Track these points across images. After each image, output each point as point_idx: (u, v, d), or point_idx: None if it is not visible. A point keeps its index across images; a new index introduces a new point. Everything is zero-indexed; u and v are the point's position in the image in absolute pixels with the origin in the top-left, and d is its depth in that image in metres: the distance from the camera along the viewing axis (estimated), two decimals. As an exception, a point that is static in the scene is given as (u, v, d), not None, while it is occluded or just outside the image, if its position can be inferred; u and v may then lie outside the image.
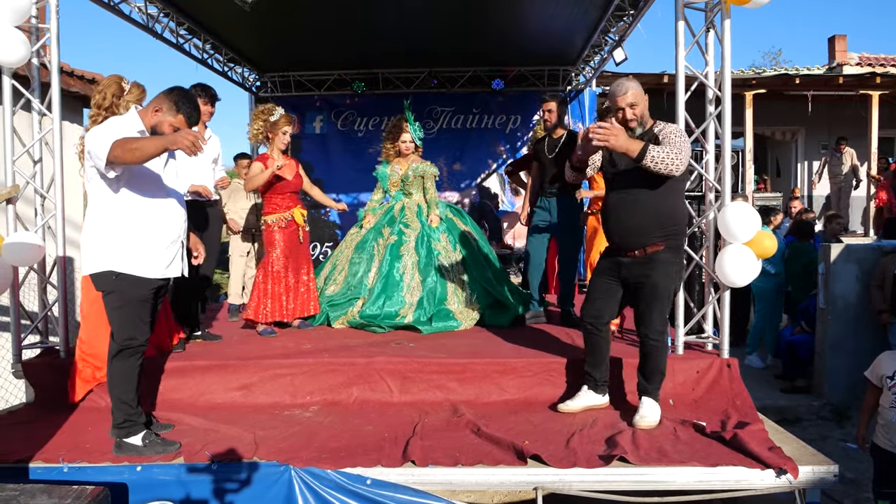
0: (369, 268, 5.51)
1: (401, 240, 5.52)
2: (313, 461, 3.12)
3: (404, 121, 5.61)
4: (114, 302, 3.25)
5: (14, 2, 3.98)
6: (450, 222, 5.71)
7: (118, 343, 3.25)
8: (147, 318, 3.32)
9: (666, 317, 3.61)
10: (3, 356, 4.96)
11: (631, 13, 6.88)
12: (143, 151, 2.99)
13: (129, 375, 3.27)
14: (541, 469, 3.08)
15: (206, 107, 4.60)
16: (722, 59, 4.25)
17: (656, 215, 3.50)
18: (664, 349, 3.63)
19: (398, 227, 5.58)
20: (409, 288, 5.31)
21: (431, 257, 5.44)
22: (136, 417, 3.29)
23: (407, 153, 5.62)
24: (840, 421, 5.60)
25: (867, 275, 5.76)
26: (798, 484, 3.06)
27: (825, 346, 5.91)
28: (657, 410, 3.61)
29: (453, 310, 5.23)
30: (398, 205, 5.72)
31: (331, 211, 10.02)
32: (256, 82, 9.81)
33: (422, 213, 5.65)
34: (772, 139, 13.63)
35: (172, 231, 3.35)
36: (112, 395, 3.30)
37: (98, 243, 3.22)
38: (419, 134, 5.70)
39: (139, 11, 6.50)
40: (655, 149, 3.36)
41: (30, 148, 4.46)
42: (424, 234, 5.53)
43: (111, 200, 3.20)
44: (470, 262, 5.52)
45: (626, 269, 3.61)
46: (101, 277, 3.24)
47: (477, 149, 9.82)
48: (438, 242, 5.54)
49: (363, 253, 5.59)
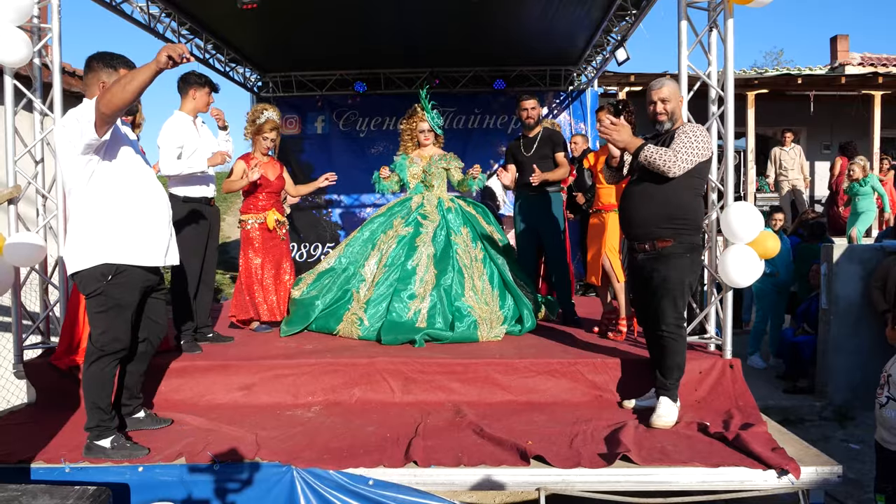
0: (366, 257, 5.13)
1: (417, 231, 5.14)
2: (315, 461, 3.12)
3: (420, 108, 5.37)
4: (99, 305, 3.13)
5: (16, 2, 3.98)
6: (473, 218, 5.38)
7: (98, 347, 3.15)
8: (130, 321, 3.21)
9: (680, 311, 3.60)
10: (5, 356, 4.96)
11: (633, 13, 6.88)
12: (135, 81, 2.80)
13: (105, 381, 3.20)
14: (543, 469, 3.07)
15: (207, 97, 4.58)
16: (725, 58, 4.24)
17: (663, 207, 3.53)
18: (680, 344, 3.61)
19: (415, 218, 5.22)
20: (422, 281, 4.90)
21: (449, 250, 5.07)
22: (108, 422, 3.22)
23: (426, 143, 5.39)
24: (842, 421, 5.58)
25: (870, 275, 5.74)
26: (801, 484, 3.05)
27: (827, 347, 5.89)
28: (674, 411, 3.59)
29: (472, 305, 4.84)
30: (417, 198, 5.35)
31: (332, 211, 10.03)
32: (258, 82, 9.81)
33: (442, 205, 5.31)
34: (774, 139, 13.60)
35: (162, 215, 3.28)
36: (87, 400, 3.22)
37: (87, 237, 3.09)
38: (438, 122, 5.43)
39: (141, 11, 6.51)
40: (651, 148, 3.45)
41: (31, 148, 4.46)
42: (444, 227, 5.19)
43: (94, 190, 3.08)
44: (490, 261, 5.19)
45: (640, 265, 3.66)
46: (88, 276, 3.10)
47: (479, 149, 9.80)
48: (458, 235, 5.19)
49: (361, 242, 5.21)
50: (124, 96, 2.83)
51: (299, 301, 5.07)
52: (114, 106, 2.85)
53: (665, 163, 3.41)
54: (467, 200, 5.60)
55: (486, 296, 4.98)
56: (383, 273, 4.95)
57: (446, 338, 4.63)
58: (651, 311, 3.64)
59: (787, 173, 10.63)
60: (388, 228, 5.25)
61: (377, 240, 5.21)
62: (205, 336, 4.75)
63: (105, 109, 2.86)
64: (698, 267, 3.70)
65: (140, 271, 3.20)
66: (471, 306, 4.84)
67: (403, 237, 5.10)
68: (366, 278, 5.04)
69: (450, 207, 5.32)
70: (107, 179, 3.11)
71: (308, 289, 5.11)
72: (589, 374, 4.05)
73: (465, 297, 4.88)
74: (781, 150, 10.67)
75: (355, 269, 5.09)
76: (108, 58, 3.17)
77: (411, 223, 5.20)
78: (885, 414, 3.52)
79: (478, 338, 4.69)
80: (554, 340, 4.70)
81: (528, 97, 5.37)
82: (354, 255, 5.17)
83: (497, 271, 5.16)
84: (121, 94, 2.83)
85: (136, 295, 3.21)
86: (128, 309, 3.19)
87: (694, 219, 3.59)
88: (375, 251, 5.15)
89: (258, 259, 5.14)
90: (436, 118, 5.40)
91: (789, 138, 10.65)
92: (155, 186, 3.31)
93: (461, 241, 5.17)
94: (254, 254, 5.14)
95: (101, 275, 3.10)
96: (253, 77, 9.62)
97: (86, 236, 3.11)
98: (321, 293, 5.04)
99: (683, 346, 3.64)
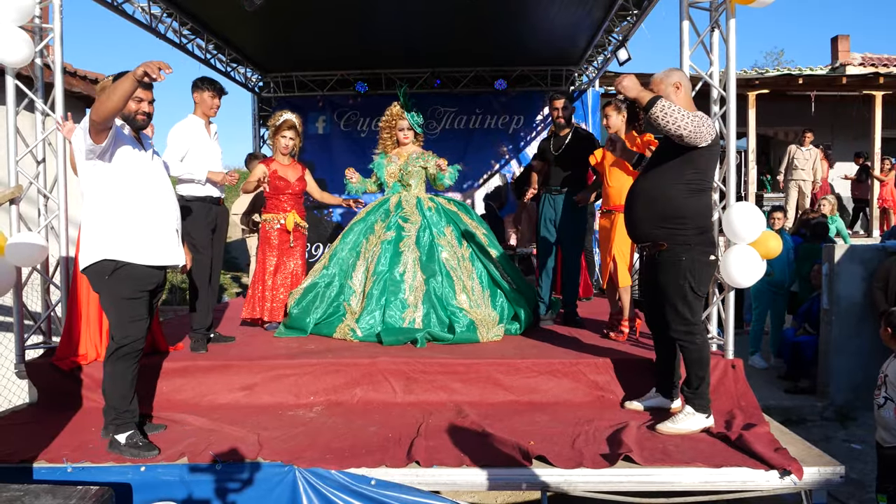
0: (353, 267, 5.01)
1: (399, 235, 5.01)
2: (317, 461, 3.11)
3: (399, 107, 5.32)
4: (105, 300, 3.29)
5: (18, 2, 3.99)
6: (455, 216, 5.28)
7: (115, 342, 3.25)
8: (142, 315, 3.30)
9: (686, 317, 3.39)
10: (7, 356, 4.96)
11: (635, 13, 6.87)
12: (116, 91, 2.97)
13: (124, 376, 3.27)
14: (546, 469, 3.07)
15: (213, 100, 4.60)
16: (727, 58, 4.23)
17: (657, 206, 3.39)
18: (692, 351, 3.41)
19: (395, 221, 5.09)
20: (411, 288, 4.83)
21: (434, 252, 4.96)
22: (128, 416, 3.28)
23: (405, 142, 5.34)
24: (844, 421, 5.59)
25: (872, 276, 5.74)
26: (803, 485, 3.05)
27: (829, 347, 5.89)
28: (694, 421, 3.44)
29: (465, 308, 4.79)
30: (394, 198, 5.25)
31: (333, 211, 10.03)
32: (259, 83, 9.82)
33: (422, 205, 5.20)
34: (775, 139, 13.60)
35: (168, 215, 3.39)
36: (105, 395, 3.31)
37: (93, 235, 3.24)
38: (418, 120, 5.36)
39: (142, 11, 6.51)
40: (667, 102, 3.21)
41: (33, 148, 4.47)
42: (426, 227, 5.08)
43: (101, 192, 3.24)
44: (478, 259, 5.11)
45: (644, 268, 3.63)
46: (93, 272, 3.24)
47: (480, 149, 9.80)
48: (443, 237, 5.07)
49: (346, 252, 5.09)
50: (108, 105, 3.00)
51: (293, 315, 4.99)
52: (102, 113, 3.03)
53: (682, 119, 3.16)
54: (447, 198, 5.54)
55: (477, 296, 4.93)
56: (372, 283, 4.86)
57: (447, 339, 4.63)
58: (658, 315, 3.55)
59: (798, 172, 10.63)
60: (370, 233, 5.14)
61: (360, 247, 5.11)
62: (207, 337, 4.74)
63: (95, 117, 3.05)
64: (704, 266, 3.42)
65: (141, 268, 3.27)
66: (464, 309, 4.80)
67: (387, 242, 5.01)
68: (355, 290, 4.97)
69: (430, 207, 5.24)
70: (111, 181, 3.25)
71: (296, 303, 4.99)
72: (591, 374, 4.05)
73: (457, 301, 4.83)
74: (798, 149, 10.68)
75: (343, 281, 5.01)
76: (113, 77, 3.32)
77: (392, 227, 5.09)
78: (882, 414, 3.52)
79: (478, 338, 4.68)
80: (556, 341, 4.70)
81: (559, 96, 5.25)
82: (340, 267, 5.06)
83: (485, 269, 5.09)
84: (106, 103, 2.99)
85: (137, 291, 3.27)
86: (130, 304, 3.25)
87: (692, 217, 3.37)
88: (361, 260, 5.05)
89: (273, 259, 5.21)
90: (415, 116, 5.34)
91: (808, 138, 10.67)
92: (162, 187, 3.41)
93: (446, 242, 5.07)
94: (270, 253, 5.21)
95: (102, 270, 3.22)
96: (254, 77, 9.62)
97: (92, 234, 3.25)
98: (310, 310, 4.95)
99: (698, 352, 3.42)
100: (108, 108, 3.00)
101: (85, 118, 3.15)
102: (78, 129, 3.16)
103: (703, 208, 3.46)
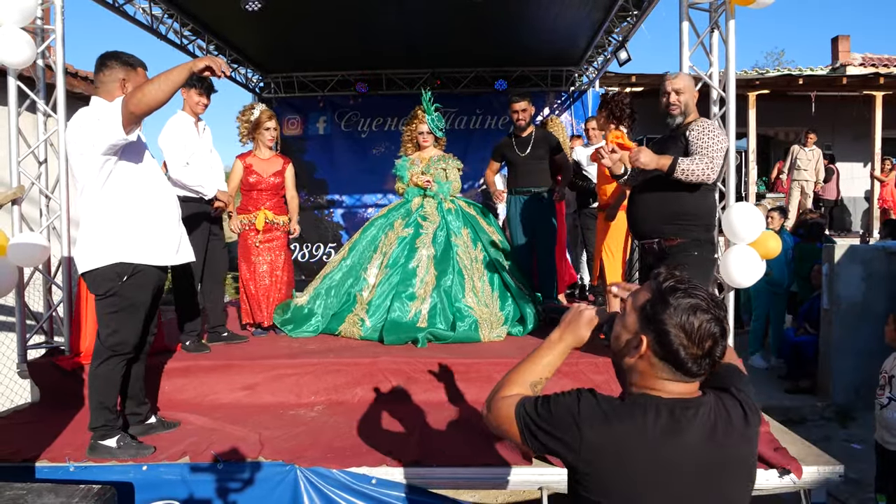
0: (370, 260, 5.10)
1: (417, 232, 5.11)
2: (318, 461, 3.13)
3: (421, 111, 5.37)
4: (112, 305, 3.09)
5: (20, 3, 4.00)
6: (473, 220, 5.34)
7: (107, 347, 3.13)
8: (142, 322, 3.20)
9: None
10: (9, 356, 4.98)
11: (635, 14, 6.89)
12: (169, 81, 2.78)
13: (113, 380, 3.18)
14: (546, 469, 3.07)
15: (200, 98, 4.45)
16: (727, 59, 4.24)
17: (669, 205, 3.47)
18: None
19: (415, 220, 5.20)
20: (422, 282, 4.86)
21: (450, 251, 5.03)
22: (113, 422, 3.20)
23: (425, 145, 5.38)
24: (844, 421, 5.59)
25: (872, 275, 5.75)
26: (803, 484, 3.05)
27: (829, 347, 5.90)
28: None
29: (472, 306, 4.80)
30: (417, 199, 5.35)
31: (334, 211, 10.06)
32: (260, 83, 9.83)
33: (442, 206, 5.27)
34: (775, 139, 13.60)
35: (174, 213, 3.28)
36: (93, 399, 3.19)
37: (101, 236, 3.06)
38: (438, 124, 5.39)
39: (143, 12, 6.53)
40: (685, 161, 3.37)
41: (35, 149, 4.48)
42: (444, 227, 5.16)
43: (110, 190, 3.05)
44: (491, 263, 5.13)
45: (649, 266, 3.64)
46: (102, 275, 3.06)
47: (480, 150, 9.77)
48: (458, 237, 5.15)
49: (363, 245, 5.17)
50: (158, 96, 2.81)
51: (300, 308, 4.99)
52: (145, 105, 2.82)
53: (704, 171, 3.34)
54: (467, 201, 5.60)
55: (485, 297, 4.96)
56: (385, 274, 4.95)
57: (448, 337, 4.63)
58: None
59: (800, 172, 10.64)
60: (389, 230, 5.24)
61: (378, 242, 5.21)
62: (219, 335, 4.71)
63: (135, 109, 2.82)
64: (711, 264, 3.54)
65: (155, 270, 3.20)
66: (471, 307, 4.81)
67: (404, 238, 5.10)
68: (369, 282, 5.04)
69: (450, 209, 5.31)
70: (123, 179, 3.07)
71: (310, 299, 5.03)
72: (591, 373, 4.04)
73: (465, 298, 4.86)
74: (801, 149, 10.68)
75: (358, 273, 5.09)
76: (125, 56, 3.14)
77: (411, 224, 5.19)
78: (885, 415, 3.53)
79: (479, 338, 4.68)
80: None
81: (519, 98, 5.38)
82: (357, 261, 5.14)
83: (497, 272, 5.13)
84: (155, 93, 2.80)
85: (149, 295, 3.20)
86: (141, 309, 3.17)
87: (703, 215, 3.49)
88: (378, 254, 5.14)
89: (245, 264, 4.91)
90: (436, 121, 5.38)
91: (811, 139, 10.68)
92: (165, 185, 3.33)
93: (461, 242, 5.15)
94: (244, 257, 4.92)
95: (116, 274, 3.06)
96: (255, 78, 9.64)
97: (100, 235, 3.08)
98: (324, 308, 5.00)
99: None
100: (157, 99, 2.80)
101: (100, 109, 2.96)
102: (92, 121, 2.93)
103: (711, 207, 3.59)
